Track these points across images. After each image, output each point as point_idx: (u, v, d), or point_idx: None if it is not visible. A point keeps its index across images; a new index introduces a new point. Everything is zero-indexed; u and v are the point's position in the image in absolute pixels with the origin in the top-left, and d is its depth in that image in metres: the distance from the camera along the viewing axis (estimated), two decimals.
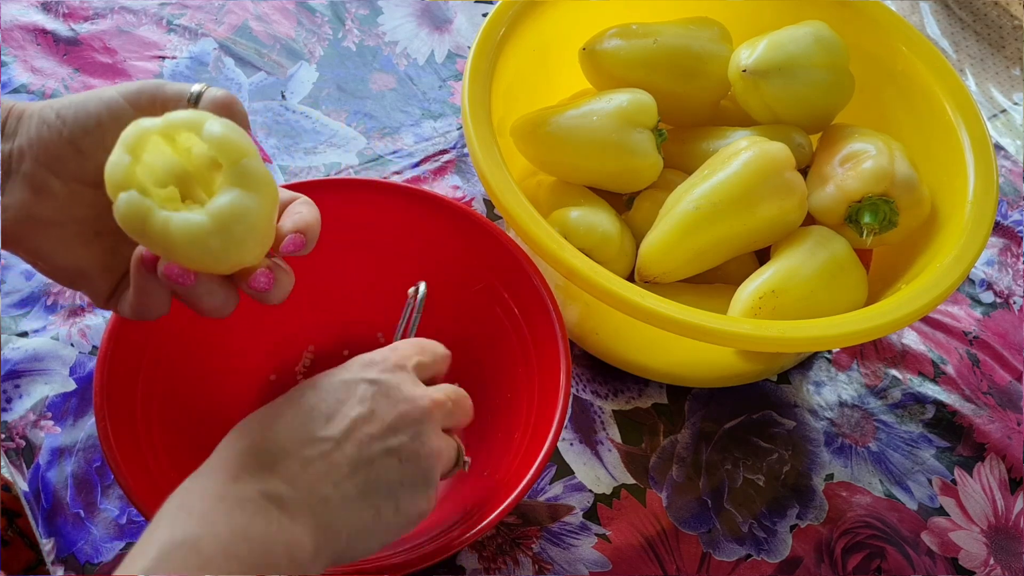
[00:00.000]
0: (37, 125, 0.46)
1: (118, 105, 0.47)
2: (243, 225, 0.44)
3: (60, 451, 0.65)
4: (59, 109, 0.46)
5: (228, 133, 0.44)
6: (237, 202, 0.44)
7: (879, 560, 0.69)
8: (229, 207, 0.44)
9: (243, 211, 0.44)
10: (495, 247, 0.66)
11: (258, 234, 0.46)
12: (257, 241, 0.46)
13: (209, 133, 0.44)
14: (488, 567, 0.65)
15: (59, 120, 0.46)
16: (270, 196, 0.46)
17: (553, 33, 0.76)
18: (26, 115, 0.47)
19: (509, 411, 0.64)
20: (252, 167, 0.45)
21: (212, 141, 0.44)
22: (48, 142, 0.46)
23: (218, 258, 0.45)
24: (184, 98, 0.47)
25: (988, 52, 1.02)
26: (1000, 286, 0.85)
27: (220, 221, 0.44)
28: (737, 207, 0.66)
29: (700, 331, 0.59)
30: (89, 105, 0.46)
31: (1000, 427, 0.76)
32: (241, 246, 0.45)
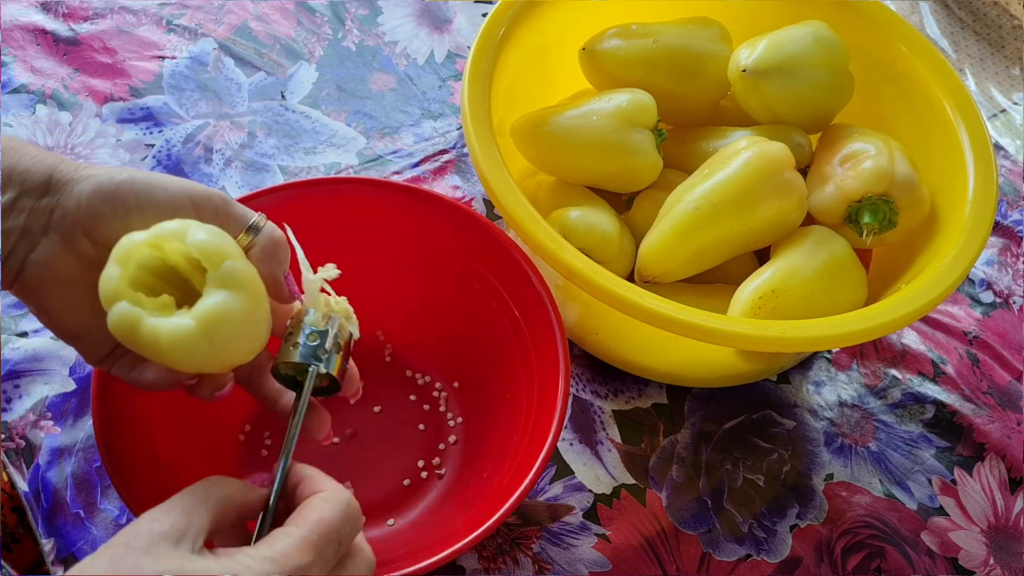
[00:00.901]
0: (91, 192, 0.47)
1: (182, 205, 0.48)
2: (229, 326, 0.45)
3: (60, 451, 0.65)
4: (120, 183, 0.47)
5: (210, 239, 0.46)
6: (221, 304, 0.45)
7: (879, 560, 0.69)
8: (212, 309, 0.45)
9: (227, 312, 0.45)
10: (495, 247, 0.66)
11: (246, 333, 0.47)
12: (246, 339, 0.47)
13: (193, 240, 0.45)
14: (488, 567, 0.65)
15: (117, 194, 0.47)
16: (256, 294, 0.47)
17: (553, 33, 0.76)
18: (81, 176, 0.47)
19: (508, 413, 0.64)
20: (235, 269, 0.46)
21: (195, 247, 0.45)
22: (99, 213, 0.47)
23: (208, 360, 0.46)
24: (244, 223, 0.49)
25: (988, 52, 1.02)
26: (1000, 286, 0.85)
27: (205, 324, 0.45)
28: (737, 207, 0.66)
29: (700, 331, 0.59)
30: (154, 192, 0.47)
31: (1000, 427, 0.76)
32: (229, 346, 0.46)
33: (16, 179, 0.47)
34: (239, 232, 0.49)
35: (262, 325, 0.48)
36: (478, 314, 0.68)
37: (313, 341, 0.50)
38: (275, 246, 0.50)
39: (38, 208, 0.47)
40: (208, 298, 0.45)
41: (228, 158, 0.82)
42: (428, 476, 0.67)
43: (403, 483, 0.66)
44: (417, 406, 0.70)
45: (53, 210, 0.47)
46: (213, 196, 0.49)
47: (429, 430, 0.69)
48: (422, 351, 0.71)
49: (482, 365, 0.68)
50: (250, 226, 0.49)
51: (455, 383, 0.70)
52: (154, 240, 0.46)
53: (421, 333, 0.71)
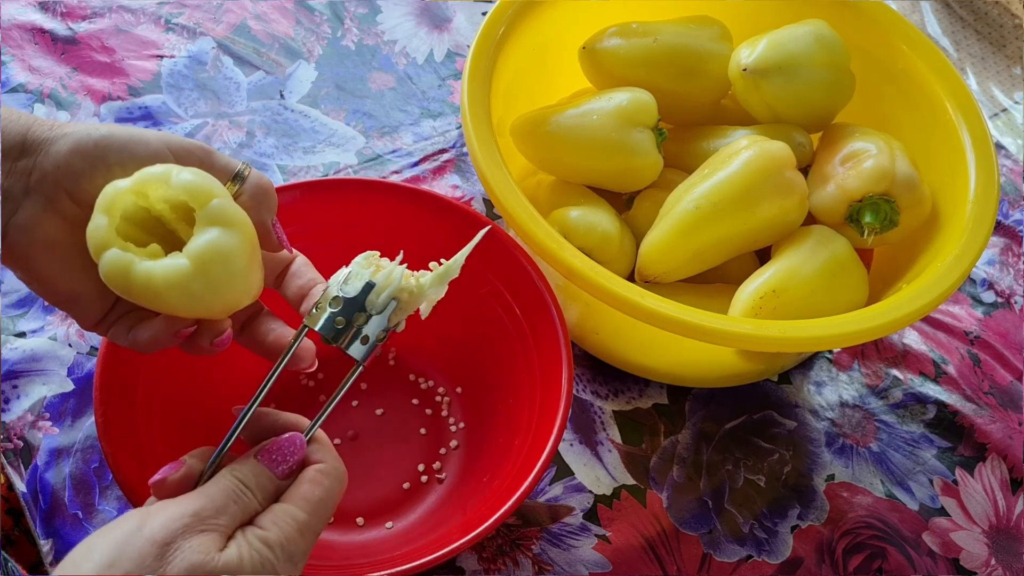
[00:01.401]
0: (70, 150, 0.46)
1: (163, 158, 0.47)
2: (224, 263, 0.45)
3: (58, 452, 0.65)
4: (99, 139, 0.46)
5: (196, 179, 0.45)
6: (214, 240, 0.44)
7: (880, 561, 0.69)
8: (206, 246, 0.44)
9: (221, 248, 0.44)
10: (496, 247, 0.66)
11: (241, 271, 0.46)
12: (241, 278, 0.46)
13: (178, 180, 0.45)
14: (488, 568, 0.65)
15: (97, 152, 0.46)
16: (247, 232, 0.46)
17: (553, 32, 0.76)
18: (56, 135, 0.46)
19: (510, 417, 0.64)
20: (224, 206, 0.45)
21: (181, 187, 0.45)
22: (79, 171, 0.46)
23: (205, 301, 0.45)
24: (229, 172, 0.49)
25: (989, 51, 1.02)
26: (1001, 286, 0.84)
27: (200, 261, 0.44)
28: (737, 206, 0.66)
29: (700, 331, 0.59)
30: (134, 147, 0.47)
31: (1001, 427, 0.76)
32: (225, 285, 0.45)
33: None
34: (226, 178, 0.48)
35: (256, 265, 0.47)
36: (482, 317, 0.68)
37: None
38: (263, 192, 0.49)
39: (15, 170, 0.46)
40: (200, 236, 0.44)
41: None
42: (428, 480, 0.67)
43: (403, 486, 0.66)
44: (419, 410, 0.70)
45: (31, 171, 0.46)
46: (194, 147, 0.48)
47: (431, 434, 0.69)
48: (426, 355, 0.71)
49: (485, 370, 0.68)
50: (236, 175, 0.49)
51: (458, 388, 0.70)
52: (138, 186, 0.45)
53: (425, 336, 0.71)
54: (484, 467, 0.64)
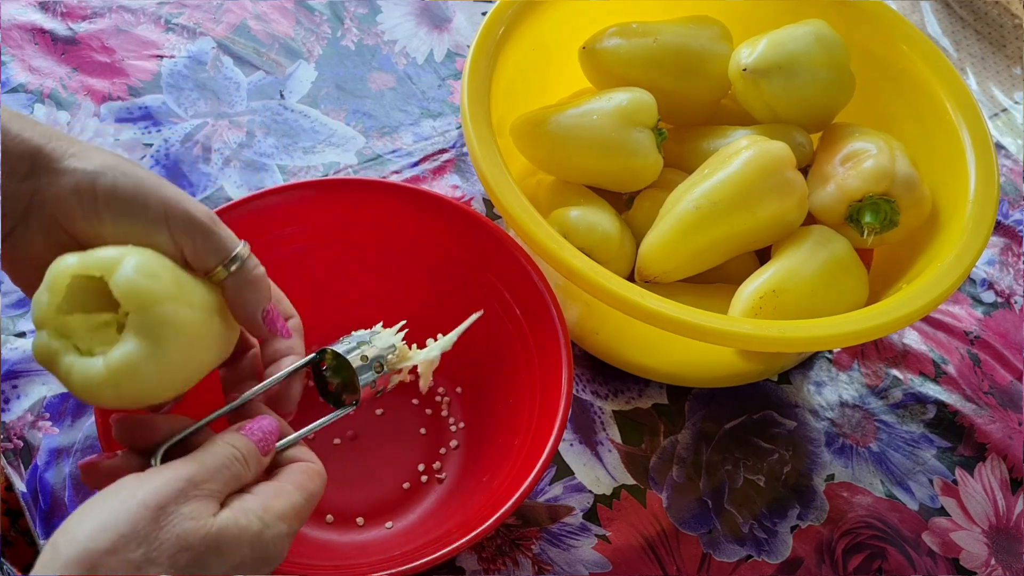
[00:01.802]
0: (70, 191, 0.45)
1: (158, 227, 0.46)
2: (137, 381, 0.43)
3: (58, 452, 0.65)
4: (100, 189, 0.45)
5: (138, 280, 0.43)
6: (132, 355, 0.42)
7: (880, 561, 0.69)
8: (121, 360, 0.42)
9: (138, 365, 0.42)
10: (496, 247, 0.66)
11: (163, 384, 0.44)
12: (164, 388, 0.44)
13: (119, 278, 0.43)
14: (488, 568, 0.65)
15: (94, 202, 0.45)
16: (188, 341, 0.44)
17: (553, 32, 0.76)
18: (64, 167, 0.46)
19: (510, 417, 0.64)
20: (161, 316, 0.43)
21: (118, 288, 0.43)
22: (74, 213, 0.46)
23: (119, 406, 0.44)
24: (228, 253, 0.47)
25: (989, 51, 1.02)
26: (1001, 286, 0.84)
27: (113, 374, 0.42)
28: (737, 206, 0.66)
29: (700, 331, 0.59)
30: (132, 210, 0.46)
31: (1001, 427, 0.76)
32: (139, 400, 0.44)
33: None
34: (217, 262, 0.47)
35: (189, 371, 0.45)
36: (482, 317, 0.67)
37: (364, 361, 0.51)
38: (249, 285, 0.48)
39: (19, 191, 0.46)
40: (121, 345, 0.42)
41: (227, 157, 0.82)
42: (428, 480, 0.67)
43: (403, 486, 0.66)
44: (419, 410, 0.70)
45: (33, 195, 0.46)
46: (196, 222, 0.46)
47: (430, 434, 0.69)
48: None
49: (485, 370, 0.68)
50: (231, 258, 0.47)
51: (458, 388, 0.70)
52: (82, 270, 0.43)
53: (424, 335, 0.71)
54: (484, 467, 0.64)
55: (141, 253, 0.44)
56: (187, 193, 0.48)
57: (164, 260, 0.46)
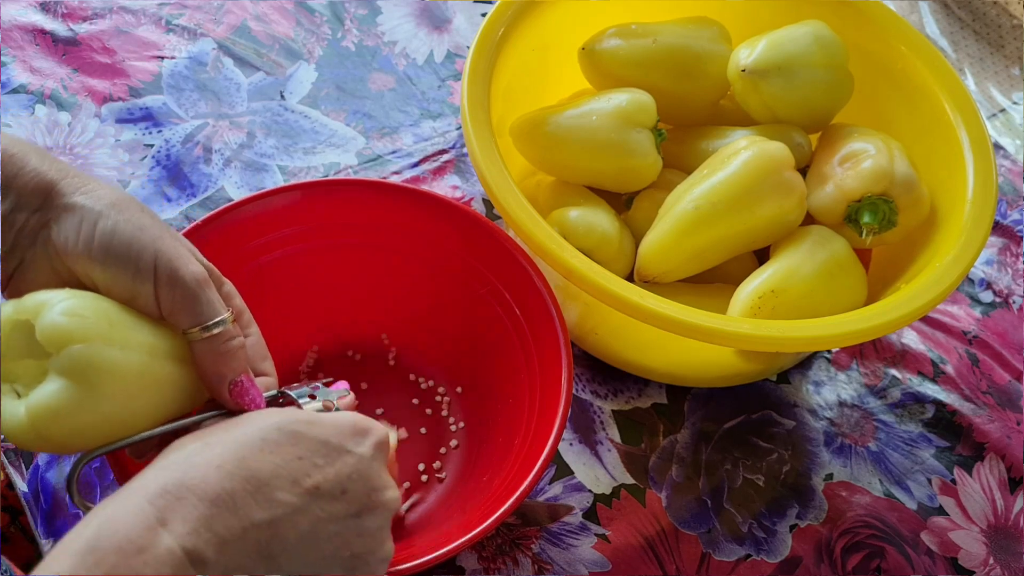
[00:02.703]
0: (72, 231, 0.46)
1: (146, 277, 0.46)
2: (60, 423, 0.41)
3: None
4: (99, 234, 0.46)
5: (58, 321, 0.42)
6: (52, 397, 0.41)
7: (879, 560, 0.69)
8: (40, 402, 0.41)
9: (58, 408, 0.41)
10: (496, 247, 0.66)
11: (90, 429, 0.43)
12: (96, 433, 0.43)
13: (40, 323, 0.42)
14: (488, 567, 0.65)
15: (89, 245, 0.46)
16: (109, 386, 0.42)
17: (552, 33, 0.76)
18: (74, 203, 0.47)
19: (510, 417, 0.64)
20: (83, 355, 0.41)
21: (40, 331, 0.42)
22: (72, 252, 0.47)
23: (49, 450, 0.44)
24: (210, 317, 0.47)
25: (987, 51, 1.02)
26: (999, 285, 0.85)
27: (33, 417, 0.41)
28: (736, 207, 0.66)
29: (700, 331, 0.59)
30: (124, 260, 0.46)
31: (1000, 426, 0.76)
32: (68, 443, 0.43)
33: (14, 190, 0.47)
34: (190, 324, 0.47)
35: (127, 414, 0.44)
36: (482, 317, 0.68)
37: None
38: (221, 355, 0.48)
39: (29, 224, 0.47)
40: (41, 388, 0.41)
41: (227, 158, 0.82)
42: (428, 479, 0.67)
43: (403, 486, 0.66)
44: (420, 410, 0.70)
45: (41, 228, 0.47)
46: (177, 282, 0.47)
47: (431, 434, 0.69)
48: (426, 355, 0.71)
49: (485, 370, 0.68)
50: (207, 324, 0.47)
51: (458, 388, 0.70)
52: (17, 315, 0.43)
53: (425, 336, 0.71)
54: (484, 467, 0.64)
55: (75, 296, 0.44)
56: (189, 252, 0.49)
57: (103, 303, 0.45)
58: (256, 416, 0.46)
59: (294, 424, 0.45)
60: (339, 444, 0.45)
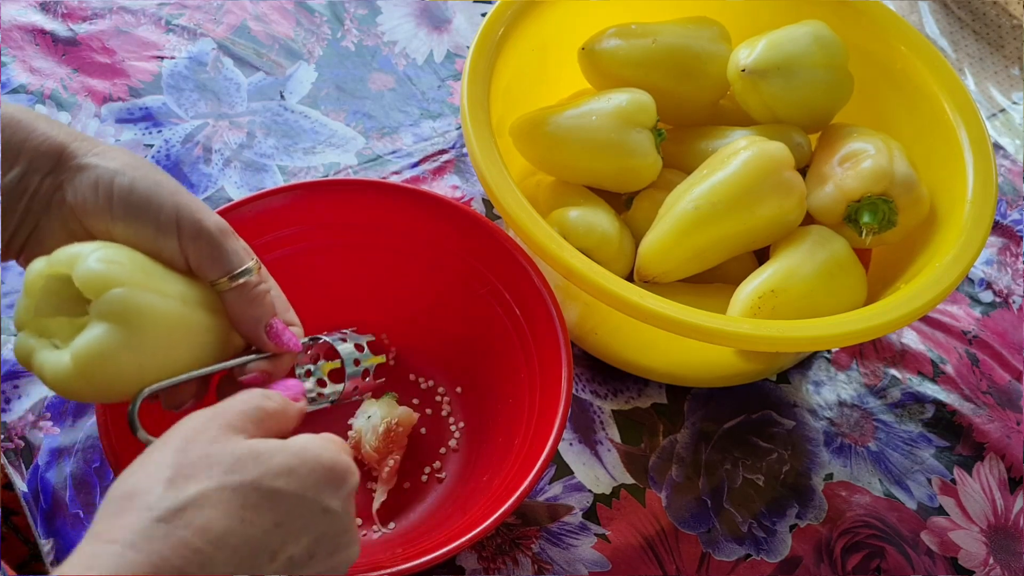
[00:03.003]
0: (88, 188, 0.47)
1: (169, 230, 0.47)
2: (105, 367, 0.42)
3: (59, 452, 0.65)
4: (117, 189, 0.47)
5: (100, 268, 0.43)
6: (95, 340, 0.42)
7: (878, 560, 0.69)
8: (85, 347, 0.42)
9: (102, 351, 0.42)
10: (496, 247, 0.66)
11: (133, 373, 0.44)
12: (138, 377, 0.44)
13: (77, 272, 0.43)
14: (487, 567, 0.65)
15: (110, 200, 0.47)
16: (149, 329, 0.43)
17: (552, 33, 0.76)
18: (86, 163, 0.47)
19: (510, 417, 0.64)
20: (123, 298, 0.42)
21: (78, 279, 0.43)
22: (91, 210, 0.47)
23: (95, 397, 0.44)
24: (237, 266, 0.48)
25: (987, 51, 1.02)
26: (999, 285, 0.85)
27: (79, 362, 0.42)
28: (736, 207, 0.66)
29: (699, 331, 0.59)
30: (145, 211, 0.47)
31: (999, 426, 0.76)
32: (112, 388, 0.44)
33: (25, 155, 0.47)
34: (219, 275, 0.48)
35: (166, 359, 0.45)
36: (482, 317, 0.68)
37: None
38: (250, 300, 0.48)
39: (42, 187, 0.47)
40: (85, 332, 0.42)
41: (227, 158, 0.82)
42: (428, 479, 0.67)
43: (403, 486, 0.66)
44: (420, 410, 0.70)
45: (55, 191, 0.47)
46: (201, 233, 0.47)
47: (431, 434, 0.69)
48: (426, 354, 0.71)
49: (485, 370, 0.68)
50: (235, 273, 0.48)
51: (458, 388, 0.70)
52: (51, 269, 0.44)
53: (425, 336, 0.71)
54: (484, 467, 0.64)
55: (107, 246, 0.45)
56: (205, 203, 0.49)
57: (135, 253, 0.46)
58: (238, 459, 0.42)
59: (274, 480, 0.41)
60: (315, 499, 0.42)
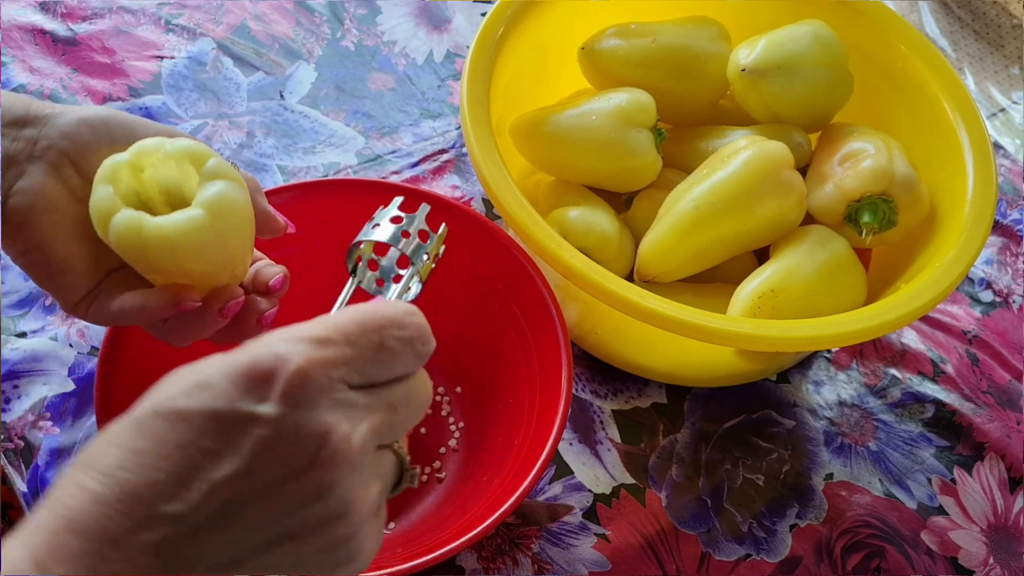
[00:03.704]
0: (76, 122, 0.48)
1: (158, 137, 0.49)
2: (235, 212, 0.46)
3: (59, 452, 0.65)
4: (105, 116, 0.49)
5: (191, 143, 0.47)
6: (224, 190, 0.46)
7: (879, 559, 0.69)
8: (218, 195, 0.46)
9: (232, 197, 0.46)
10: (496, 247, 0.66)
11: (247, 221, 0.48)
12: (247, 227, 0.48)
13: (174, 146, 0.47)
14: (487, 567, 0.65)
15: (103, 126, 0.49)
16: (243, 188, 0.48)
17: (552, 32, 0.76)
18: (58, 111, 0.49)
19: (510, 417, 0.64)
20: (223, 163, 0.47)
21: (178, 150, 0.46)
22: (86, 142, 0.48)
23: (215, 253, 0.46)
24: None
25: (987, 51, 1.02)
26: (999, 285, 0.85)
27: (213, 209, 0.45)
28: (736, 206, 0.66)
29: (699, 331, 0.59)
30: (138, 129, 0.50)
31: (999, 426, 0.76)
32: (233, 236, 0.47)
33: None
34: None
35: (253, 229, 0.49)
36: (482, 317, 0.68)
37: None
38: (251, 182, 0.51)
39: (20, 137, 0.48)
40: (208, 187, 0.46)
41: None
42: (428, 479, 0.67)
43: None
44: None
45: (37, 140, 0.48)
46: (175, 132, 0.50)
47: (430, 434, 0.69)
48: None
49: (485, 370, 0.68)
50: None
51: (458, 388, 0.70)
52: (135, 157, 0.47)
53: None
54: (484, 467, 0.64)
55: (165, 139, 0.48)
56: None
57: None
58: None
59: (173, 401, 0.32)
60: (232, 412, 0.32)
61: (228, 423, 0.32)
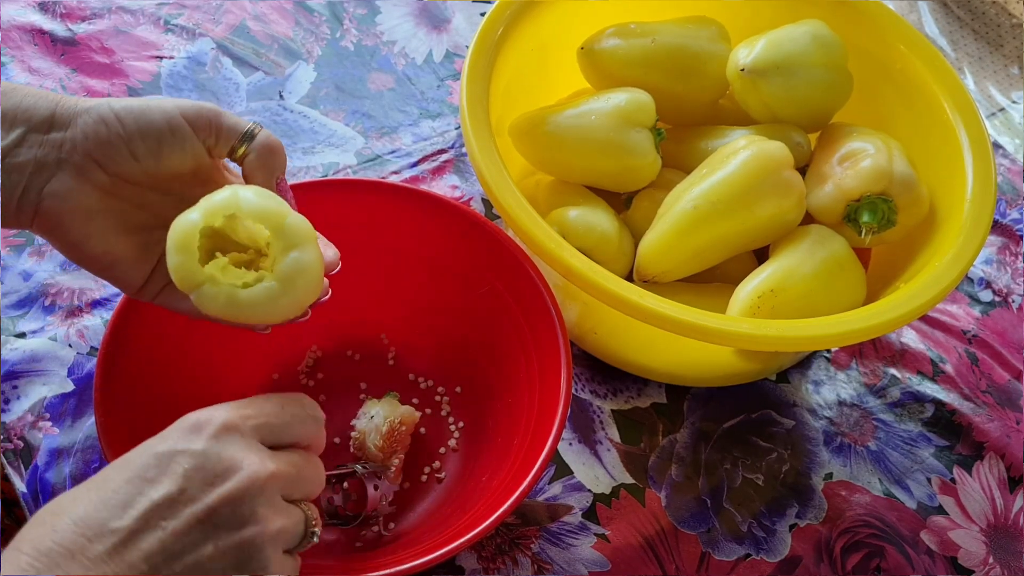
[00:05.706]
0: (95, 121, 0.49)
1: (177, 122, 0.50)
2: (305, 278, 0.49)
3: (58, 452, 0.65)
4: (119, 111, 0.49)
5: (261, 201, 0.49)
6: (300, 260, 0.49)
7: (878, 559, 0.69)
8: (296, 266, 0.48)
9: (306, 263, 0.49)
10: (496, 247, 0.66)
11: (318, 279, 0.51)
12: (318, 283, 0.51)
13: (247, 207, 0.48)
14: (487, 567, 0.65)
15: (118, 122, 0.49)
16: (315, 243, 0.50)
17: (551, 32, 0.76)
18: (81, 109, 0.49)
19: (509, 417, 0.64)
20: (294, 224, 0.49)
21: (251, 214, 0.48)
22: (104, 139, 0.49)
23: (290, 311, 0.50)
24: (239, 131, 0.51)
25: (986, 50, 1.02)
26: (999, 284, 0.85)
27: (291, 279, 0.48)
28: (736, 206, 0.66)
29: (699, 330, 0.59)
30: (151, 115, 0.49)
31: (999, 426, 0.76)
32: (307, 294, 0.50)
33: (21, 117, 0.48)
34: (234, 141, 0.51)
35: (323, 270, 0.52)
36: (481, 317, 0.68)
37: None
38: (269, 151, 0.51)
39: (47, 142, 0.49)
40: (287, 261, 0.48)
41: None
42: (428, 479, 0.67)
43: (403, 486, 0.66)
44: (419, 410, 0.70)
45: (63, 144, 0.49)
46: (204, 109, 0.50)
47: (430, 434, 0.69)
48: (425, 354, 0.71)
49: (485, 369, 0.68)
50: (245, 134, 0.51)
51: (457, 387, 0.70)
52: (208, 218, 0.48)
53: (425, 336, 0.71)
54: (484, 467, 0.64)
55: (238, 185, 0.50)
56: None
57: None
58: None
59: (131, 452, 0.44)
60: (170, 449, 0.43)
61: (166, 458, 0.43)
